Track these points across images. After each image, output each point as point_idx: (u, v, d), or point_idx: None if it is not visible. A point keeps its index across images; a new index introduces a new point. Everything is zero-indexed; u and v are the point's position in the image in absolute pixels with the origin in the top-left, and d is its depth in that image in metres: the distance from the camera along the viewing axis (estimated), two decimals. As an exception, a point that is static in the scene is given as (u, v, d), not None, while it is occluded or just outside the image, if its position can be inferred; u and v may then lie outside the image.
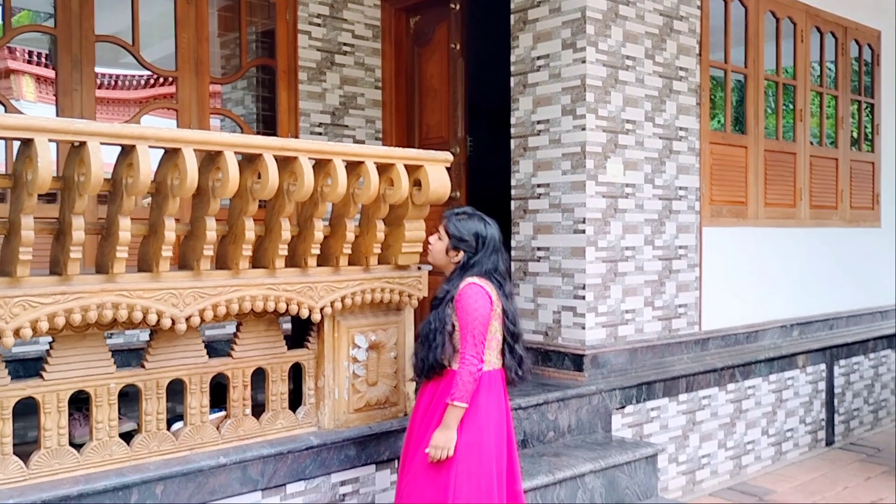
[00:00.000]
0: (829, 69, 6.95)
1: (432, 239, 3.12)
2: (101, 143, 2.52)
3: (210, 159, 2.88)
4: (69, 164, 2.60)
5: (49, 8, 7.31)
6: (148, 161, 2.60)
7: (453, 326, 2.93)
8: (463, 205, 5.62)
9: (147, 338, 4.15)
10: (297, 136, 5.51)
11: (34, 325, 2.58)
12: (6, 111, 4.51)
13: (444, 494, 2.87)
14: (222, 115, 5.56)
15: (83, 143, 2.52)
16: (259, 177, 2.96)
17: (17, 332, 2.55)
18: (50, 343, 2.79)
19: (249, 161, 2.96)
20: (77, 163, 2.55)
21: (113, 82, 9.64)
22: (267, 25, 5.72)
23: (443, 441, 2.86)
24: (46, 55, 9.80)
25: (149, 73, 6.51)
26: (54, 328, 2.66)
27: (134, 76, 8.62)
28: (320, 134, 5.71)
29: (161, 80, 7.72)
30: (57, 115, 4.59)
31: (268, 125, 5.81)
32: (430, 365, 2.95)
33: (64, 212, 2.65)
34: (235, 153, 2.86)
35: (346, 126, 5.87)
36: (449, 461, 2.87)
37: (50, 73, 10.29)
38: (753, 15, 5.88)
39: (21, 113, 4.66)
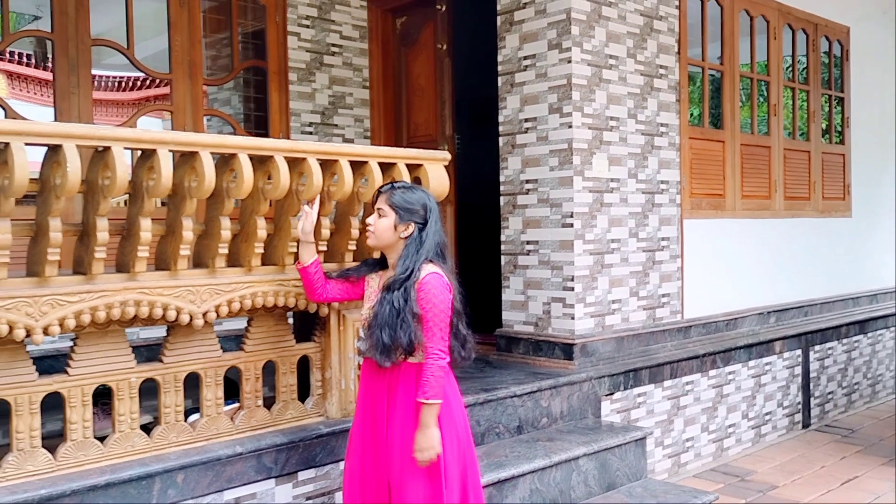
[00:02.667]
0: (801, 62, 7.19)
1: (372, 220, 2.91)
2: (125, 149, 2.64)
3: (224, 161, 3.00)
4: (92, 168, 2.72)
5: (33, 10, 7.38)
6: (169, 164, 2.73)
7: (418, 313, 2.78)
8: (452, 200, 5.79)
9: (145, 335, 4.29)
10: (288, 136, 5.63)
11: (62, 322, 2.70)
12: (6, 114, 4.58)
13: (439, 493, 2.79)
14: (216, 116, 5.65)
15: (107, 148, 2.64)
16: (270, 177, 3.09)
17: (46, 330, 2.67)
18: (74, 340, 2.91)
19: (261, 162, 3.09)
20: (101, 167, 2.67)
21: (99, 84, 9.67)
22: (255, 27, 5.82)
23: (427, 443, 2.75)
24: (27, 55, 9.83)
25: (139, 74, 6.56)
26: (80, 325, 2.77)
27: (124, 77, 8.66)
28: (311, 133, 5.83)
29: (151, 81, 7.78)
30: (55, 118, 4.67)
31: (257, 125, 5.91)
32: (403, 345, 2.76)
33: (88, 214, 2.77)
34: (249, 155, 2.98)
35: (336, 125, 6.00)
36: (437, 458, 2.78)
37: (27, 71, 10.33)
38: (729, 13, 6.10)
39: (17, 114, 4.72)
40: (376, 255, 3.16)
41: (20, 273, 2.74)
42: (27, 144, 2.46)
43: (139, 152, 2.85)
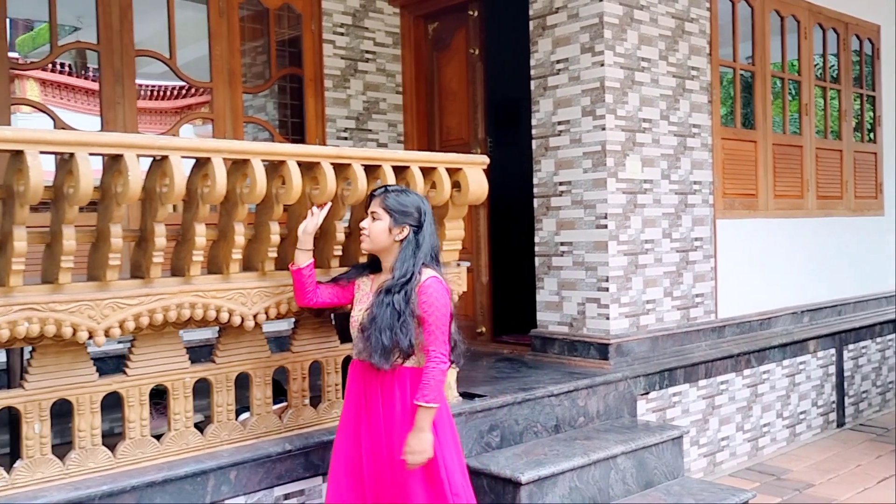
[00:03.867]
0: (831, 61, 7.18)
1: (366, 223, 2.92)
2: (182, 157, 2.75)
3: (273, 168, 3.10)
4: (150, 176, 2.83)
5: (73, 21, 7.56)
6: (223, 172, 2.84)
7: (419, 318, 2.80)
8: (485, 203, 5.86)
9: (188, 337, 4.40)
10: (324, 142, 5.74)
11: (122, 324, 2.81)
12: (55, 124, 4.73)
13: (443, 495, 2.82)
14: (251, 123, 5.77)
15: (165, 157, 2.74)
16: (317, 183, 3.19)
17: (107, 332, 2.79)
18: (131, 342, 3.02)
19: (308, 169, 3.19)
20: (159, 175, 2.78)
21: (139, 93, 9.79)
22: (291, 34, 5.94)
23: (421, 446, 2.76)
24: (63, 64, 10.05)
25: (178, 83, 6.69)
26: (138, 327, 2.88)
27: (162, 86, 8.81)
28: (346, 139, 5.93)
29: (189, 89, 7.94)
30: (101, 128, 4.81)
31: (293, 131, 6.02)
32: (403, 348, 2.78)
33: (146, 220, 2.88)
34: (297, 162, 3.08)
35: (370, 130, 6.10)
36: (436, 461, 2.81)
37: (63, 79, 10.55)
38: (759, 14, 6.12)
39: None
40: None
41: (81, 277, 2.86)
42: (91, 155, 2.57)
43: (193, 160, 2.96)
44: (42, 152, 2.51)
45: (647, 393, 4.87)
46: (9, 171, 2.59)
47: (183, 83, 6.00)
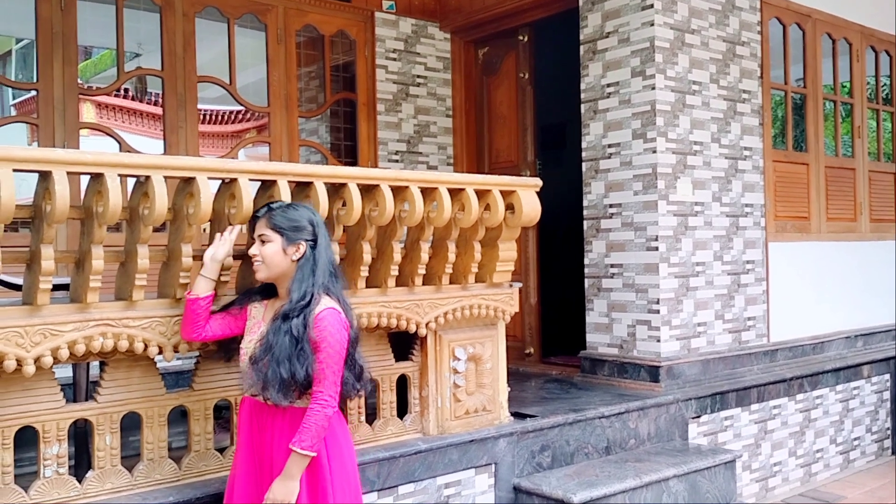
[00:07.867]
0: (884, 80, 7.10)
1: (255, 249, 2.67)
2: (250, 180, 2.86)
3: (334, 190, 3.20)
4: (219, 198, 2.94)
5: (134, 48, 7.83)
6: (287, 194, 2.94)
7: (313, 345, 2.56)
8: (535, 225, 5.90)
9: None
10: (376, 164, 5.87)
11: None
12: (121, 147, 4.92)
13: None
14: (304, 146, 5.91)
15: (234, 180, 2.86)
16: (376, 205, 3.28)
17: (176, 348, 2.90)
18: (197, 357, 3.13)
19: (367, 191, 3.28)
20: (227, 197, 2.89)
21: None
22: (343, 60, 6.09)
23: (283, 494, 2.51)
24: (124, 88, 10.43)
25: (235, 107, 6.87)
26: (204, 344, 2.98)
27: (217, 110, 9.10)
28: (397, 161, 6.05)
29: (246, 113, 8.15)
30: (165, 151, 4.99)
31: (345, 154, 6.16)
32: (300, 380, 2.53)
33: (213, 240, 2.99)
34: (357, 184, 3.18)
35: (421, 153, 6.20)
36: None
37: (115, 101, 10.94)
38: (811, 37, 6.10)
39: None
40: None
41: (152, 295, 2.98)
42: (165, 177, 2.69)
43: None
44: (120, 175, 2.63)
45: (699, 416, 4.85)
46: (88, 192, 2.72)
47: (238, 107, 6.18)
